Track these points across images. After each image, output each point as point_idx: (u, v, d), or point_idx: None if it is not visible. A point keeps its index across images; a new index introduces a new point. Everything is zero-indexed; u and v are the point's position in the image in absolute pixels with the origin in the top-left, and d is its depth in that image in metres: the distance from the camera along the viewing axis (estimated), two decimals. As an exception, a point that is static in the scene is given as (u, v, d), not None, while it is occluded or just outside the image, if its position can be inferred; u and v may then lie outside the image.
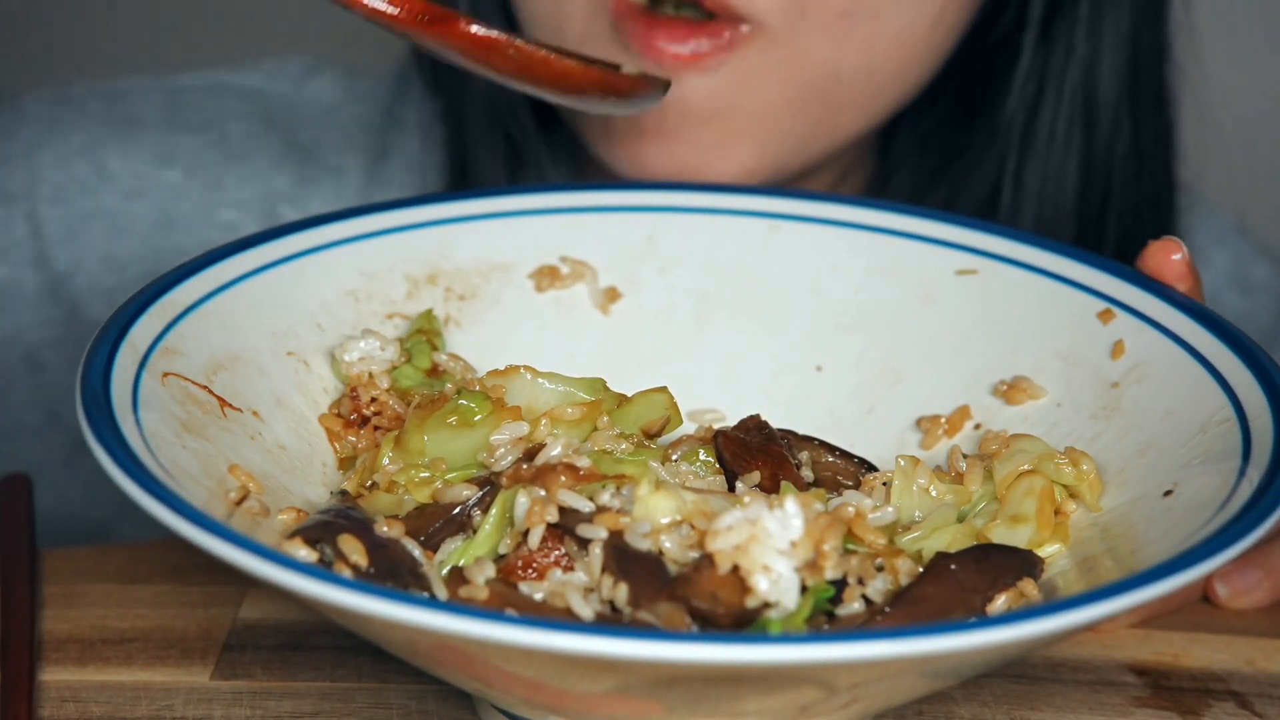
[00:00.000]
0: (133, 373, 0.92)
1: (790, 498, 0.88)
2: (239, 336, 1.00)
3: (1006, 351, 1.05)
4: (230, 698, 0.96)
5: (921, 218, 1.09)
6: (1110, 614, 0.79)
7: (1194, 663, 1.02)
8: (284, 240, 1.04)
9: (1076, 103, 1.33)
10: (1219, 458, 0.92)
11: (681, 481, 0.96)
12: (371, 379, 1.01)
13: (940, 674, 0.85)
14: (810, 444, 1.02)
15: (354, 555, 0.89)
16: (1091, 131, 1.33)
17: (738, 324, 1.10)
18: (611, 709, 0.83)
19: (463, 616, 0.76)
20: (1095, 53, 1.32)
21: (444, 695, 0.96)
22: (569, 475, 0.91)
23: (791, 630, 0.86)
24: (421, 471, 0.95)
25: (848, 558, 0.90)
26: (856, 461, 1.02)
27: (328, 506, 0.94)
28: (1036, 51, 1.32)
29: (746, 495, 0.90)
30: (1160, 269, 1.02)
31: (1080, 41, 1.32)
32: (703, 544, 0.88)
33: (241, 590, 1.03)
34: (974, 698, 0.97)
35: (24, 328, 1.43)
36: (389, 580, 0.88)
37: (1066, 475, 0.96)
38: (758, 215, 1.11)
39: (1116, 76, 1.32)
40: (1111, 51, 1.32)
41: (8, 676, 0.95)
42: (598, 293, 1.09)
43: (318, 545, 0.89)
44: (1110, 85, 1.32)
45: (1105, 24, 1.31)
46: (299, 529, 0.90)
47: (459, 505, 0.93)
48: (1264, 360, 0.95)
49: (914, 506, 0.97)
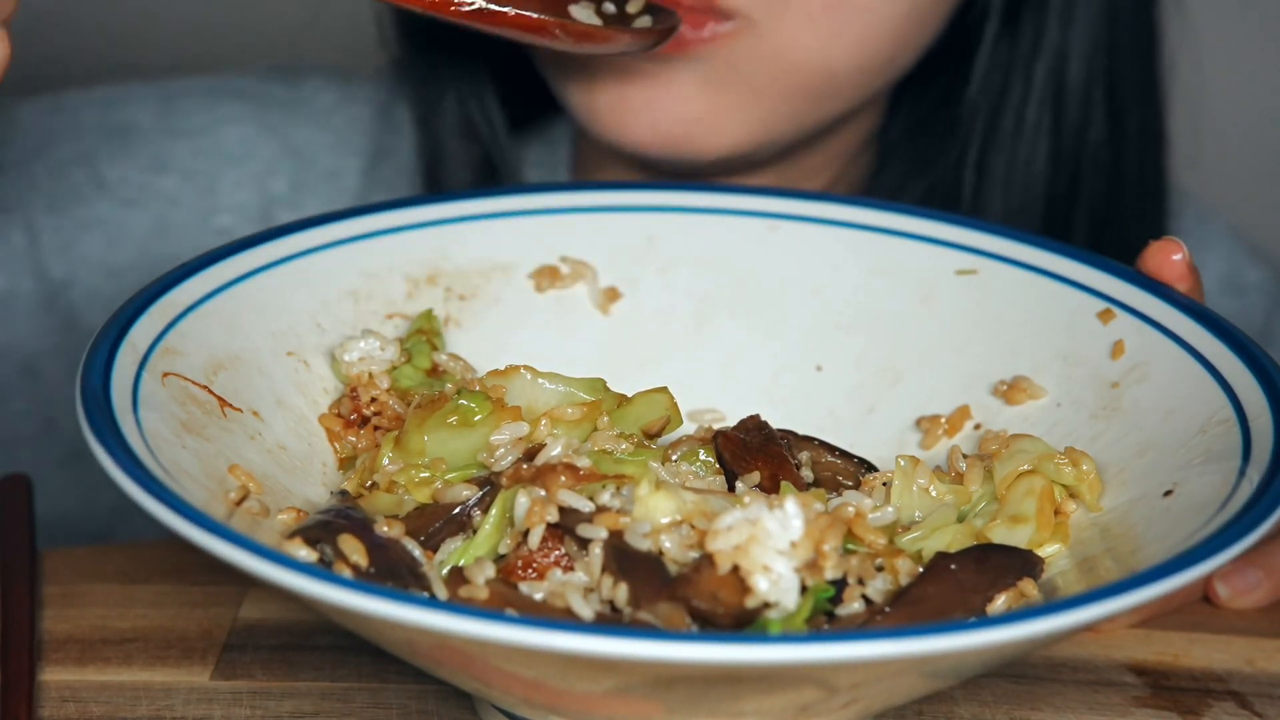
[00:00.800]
0: (133, 373, 0.92)
1: (790, 498, 0.88)
2: (239, 336, 1.00)
3: (1006, 351, 1.05)
4: (230, 698, 0.96)
5: (921, 218, 1.09)
6: (1110, 614, 0.79)
7: (1194, 663, 1.02)
8: (284, 240, 1.04)
9: (1048, 90, 1.32)
10: (1219, 458, 0.92)
11: (681, 481, 0.96)
12: (371, 379, 1.01)
13: (940, 674, 0.85)
14: (810, 444, 1.02)
15: (354, 555, 0.89)
16: (1061, 119, 1.33)
17: (738, 324, 1.10)
18: (611, 709, 0.83)
19: (463, 616, 0.76)
20: (1066, 40, 1.31)
21: (444, 695, 0.96)
22: (569, 475, 0.91)
23: (791, 630, 0.86)
24: (421, 471, 0.95)
25: (848, 558, 0.90)
26: (856, 461, 1.02)
27: (328, 506, 0.94)
28: (1001, 38, 1.32)
29: (746, 495, 0.90)
30: (1160, 269, 1.02)
31: (1053, 28, 1.31)
32: (703, 544, 0.88)
33: (241, 590, 1.03)
34: (974, 698, 0.97)
35: (21, 338, 1.43)
36: (389, 580, 0.88)
37: (1066, 475, 0.96)
38: (757, 215, 1.11)
39: (1086, 64, 1.32)
40: (1083, 39, 1.31)
41: (8, 676, 0.96)
42: (598, 293, 1.09)
43: (318, 545, 0.89)
44: (1080, 72, 1.32)
45: (1078, 10, 1.31)
46: (299, 529, 0.90)
47: (459, 505, 0.93)
48: (1264, 360, 0.95)
49: (914, 506, 0.97)
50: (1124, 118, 1.35)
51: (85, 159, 1.43)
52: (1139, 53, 1.35)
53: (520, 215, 1.10)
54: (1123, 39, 1.33)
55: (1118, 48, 1.33)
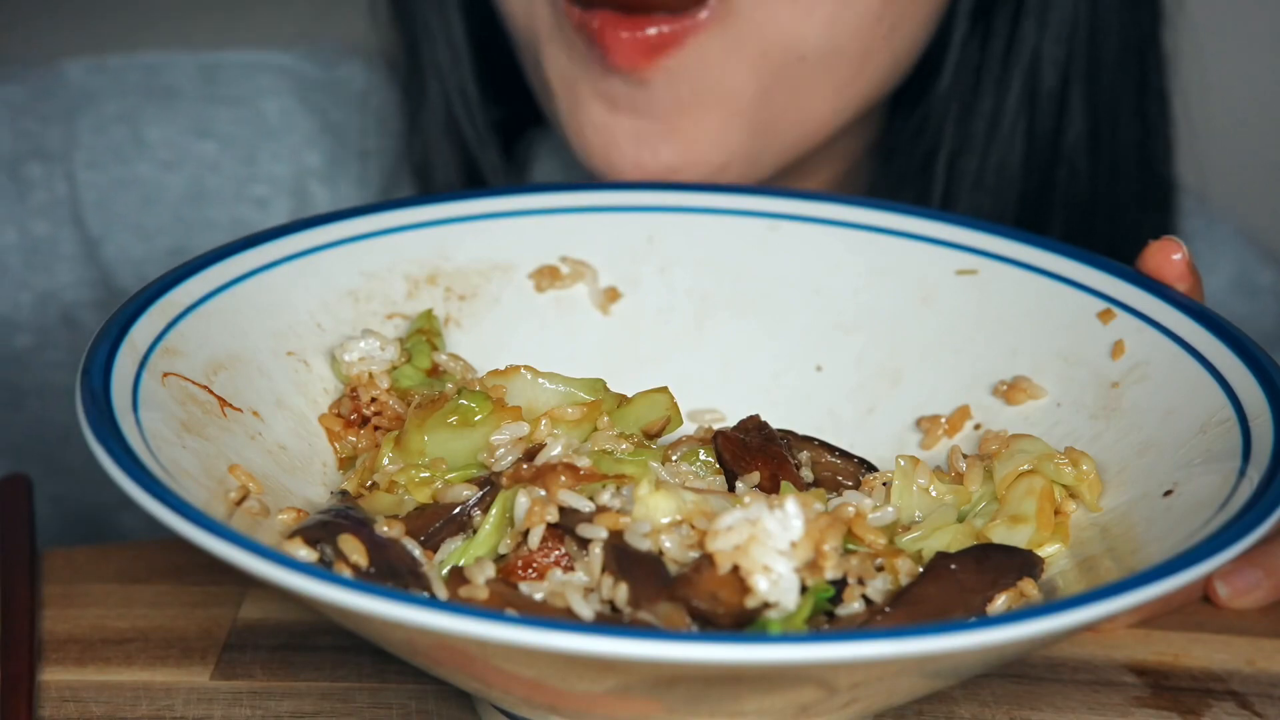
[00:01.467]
0: (133, 372, 0.92)
1: (790, 498, 0.88)
2: (239, 336, 1.00)
3: (1006, 351, 1.05)
4: (230, 698, 0.96)
5: (921, 218, 1.09)
6: (1110, 614, 0.79)
7: (1194, 663, 1.02)
8: (284, 240, 1.04)
9: (1023, 93, 1.32)
10: (1219, 458, 0.92)
11: (681, 481, 0.96)
12: (371, 379, 1.01)
13: (940, 674, 0.85)
14: (810, 444, 1.02)
15: (354, 555, 0.89)
16: (1034, 122, 1.33)
17: (738, 324, 1.10)
18: (612, 709, 0.83)
19: (463, 616, 0.76)
20: (1041, 42, 1.31)
21: (444, 695, 0.96)
22: (569, 475, 0.91)
23: (791, 630, 0.86)
24: (421, 471, 0.95)
25: (848, 558, 0.90)
26: (856, 461, 1.02)
27: (328, 506, 0.94)
28: (971, 39, 1.32)
29: (747, 495, 0.90)
30: (1160, 269, 1.02)
31: (1028, 30, 1.31)
32: (703, 544, 0.88)
33: (241, 590, 1.03)
34: (974, 698, 0.97)
35: (63, 286, 1.43)
36: (389, 580, 0.88)
37: (1066, 475, 0.96)
38: (758, 215, 1.11)
39: (1061, 68, 1.31)
40: (1059, 43, 1.31)
41: (8, 676, 0.95)
42: (598, 293, 1.09)
43: (318, 545, 0.89)
44: (1055, 76, 1.32)
45: (1052, 12, 1.31)
46: (299, 529, 0.90)
47: (459, 505, 0.93)
48: (1264, 360, 0.95)
49: (914, 506, 0.97)
50: (1109, 121, 1.35)
51: (128, 117, 1.43)
52: (1128, 56, 1.35)
53: (520, 215, 1.10)
54: (1108, 42, 1.33)
55: (1101, 51, 1.33)
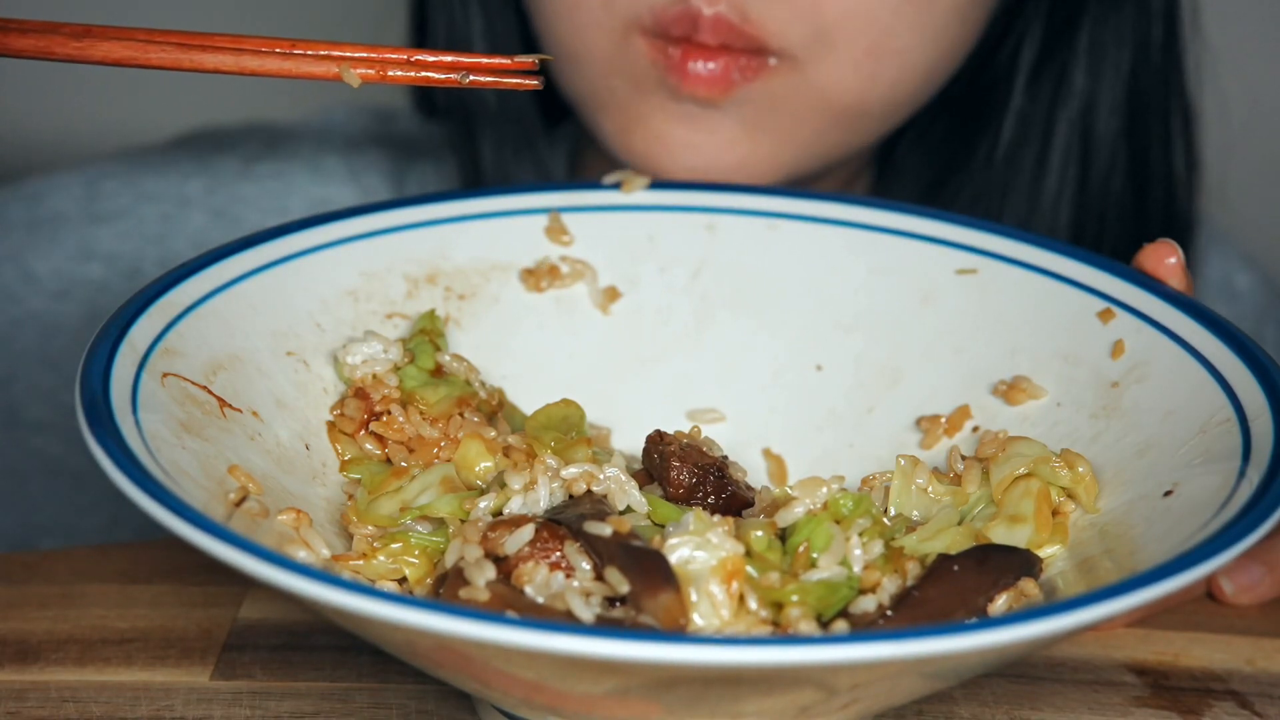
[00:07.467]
0: (132, 373, 0.92)
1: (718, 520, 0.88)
2: (239, 336, 1.00)
3: (1006, 351, 1.05)
4: (230, 698, 0.96)
5: (921, 217, 1.09)
6: (1111, 614, 0.79)
7: (1194, 663, 1.02)
8: (284, 240, 1.04)
9: (1074, 139, 1.33)
10: (1219, 458, 0.92)
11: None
12: (377, 379, 1.01)
13: (941, 674, 0.85)
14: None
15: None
16: (1088, 168, 1.33)
17: (738, 324, 1.10)
18: (611, 710, 0.83)
19: (463, 618, 0.76)
20: (1094, 91, 1.32)
21: (444, 695, 0.96)
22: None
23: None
24: (392, 543, 0.94)
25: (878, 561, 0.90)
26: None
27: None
28: (1025, 91, 1.33)
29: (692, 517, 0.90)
30: (1155, 272, 1.03)
31: (1080, 78, 1.32)
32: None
33: (241, 590, 1.03)
34: (974, 698, 0.97)
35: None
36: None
37: (1062, 478, 0.96)
38: (758, 215, 1.11)
39: (1116, 115, 1.33)
40: (1111, 89, 1.32)
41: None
42: (598, 292, 1.09)
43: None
44: (1109, 123, 1.33)
45: (1106, 62, 1.32)
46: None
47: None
48: (1264, 360, 0.95)
49: (913, 507, 0.97)
50: (1147, 160, 1.35)
51: (14, 257, 1.43)
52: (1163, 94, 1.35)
53: (520, 215, 1.10)
54: (1149, 84, 1.34)
55: (1143, 93, 1.34)
